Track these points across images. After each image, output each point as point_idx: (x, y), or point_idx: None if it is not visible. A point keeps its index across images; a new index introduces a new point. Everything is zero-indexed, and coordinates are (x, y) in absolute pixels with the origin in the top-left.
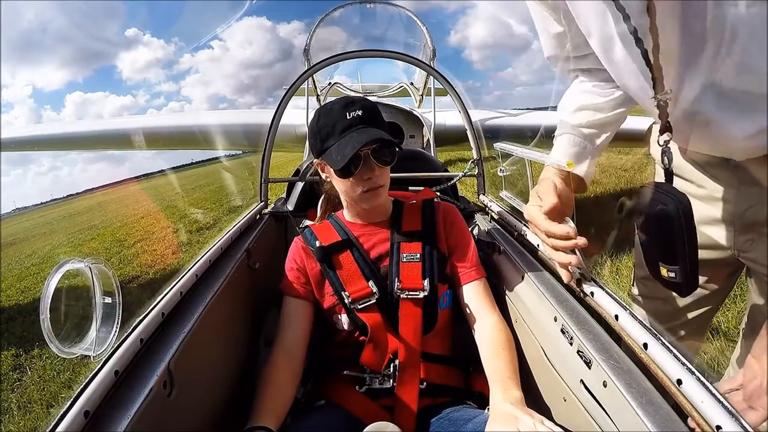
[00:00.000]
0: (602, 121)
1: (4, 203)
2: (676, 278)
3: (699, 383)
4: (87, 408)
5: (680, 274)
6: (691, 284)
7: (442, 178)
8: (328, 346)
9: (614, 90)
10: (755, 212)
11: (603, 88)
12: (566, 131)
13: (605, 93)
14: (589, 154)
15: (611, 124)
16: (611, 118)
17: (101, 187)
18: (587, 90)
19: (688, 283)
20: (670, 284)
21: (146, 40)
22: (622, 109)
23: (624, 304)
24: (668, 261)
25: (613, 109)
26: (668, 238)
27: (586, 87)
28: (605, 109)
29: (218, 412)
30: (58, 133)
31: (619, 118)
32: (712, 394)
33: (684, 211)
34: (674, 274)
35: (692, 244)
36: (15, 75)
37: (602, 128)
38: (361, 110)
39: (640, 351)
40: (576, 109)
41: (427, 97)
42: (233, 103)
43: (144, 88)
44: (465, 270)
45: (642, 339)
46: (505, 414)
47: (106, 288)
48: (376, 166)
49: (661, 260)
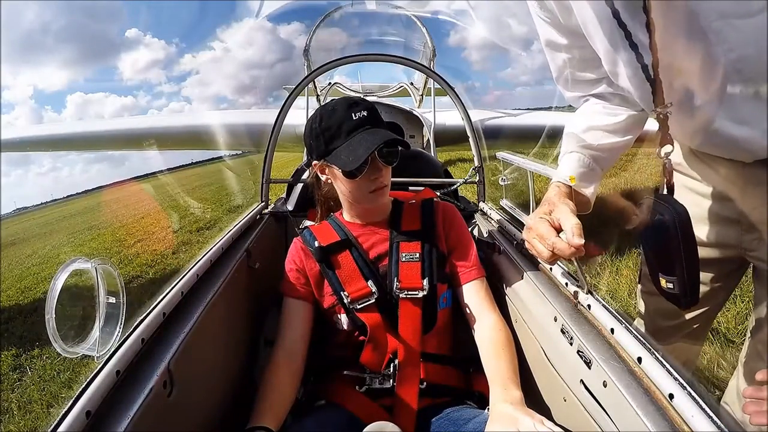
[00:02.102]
0: (611, 145)
1: (5, 203)
2: (674, 289)
3: (690, 398)
4: (89, 408)
5: (678, 285)
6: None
7: (442, 184)
8: (328, 346)
9: (626, 111)
10: (762, 212)
11: (615, 111)
12: (575, 150)
13: (617, 113)
14: (596, 176)
15: (618, 149)
16: (620, 144)
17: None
18: (599, 111)
19: (686, 295)
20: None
21: (147, 41)
22: (630, 136)
23: (620, 318)
24: (666, 271)
25: (624, 134)
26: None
27: (598, 108)
28: (616, 132)
29: (218, 412)
30: (58, 133)
31: (627, 144)
32: (702, 410)
33: (681, 222)
34: (672, 285)
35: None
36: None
37: (610, 152)
38: (365, 111)
39: (634, 365)
40: (586, 129)
41: (427, 97)
42: (234, 104)
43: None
44: (465, 269)
45: (637, 353)
46: (505, 414)
47: (110, 288)
48: (382, 166)
49: (660, 271)
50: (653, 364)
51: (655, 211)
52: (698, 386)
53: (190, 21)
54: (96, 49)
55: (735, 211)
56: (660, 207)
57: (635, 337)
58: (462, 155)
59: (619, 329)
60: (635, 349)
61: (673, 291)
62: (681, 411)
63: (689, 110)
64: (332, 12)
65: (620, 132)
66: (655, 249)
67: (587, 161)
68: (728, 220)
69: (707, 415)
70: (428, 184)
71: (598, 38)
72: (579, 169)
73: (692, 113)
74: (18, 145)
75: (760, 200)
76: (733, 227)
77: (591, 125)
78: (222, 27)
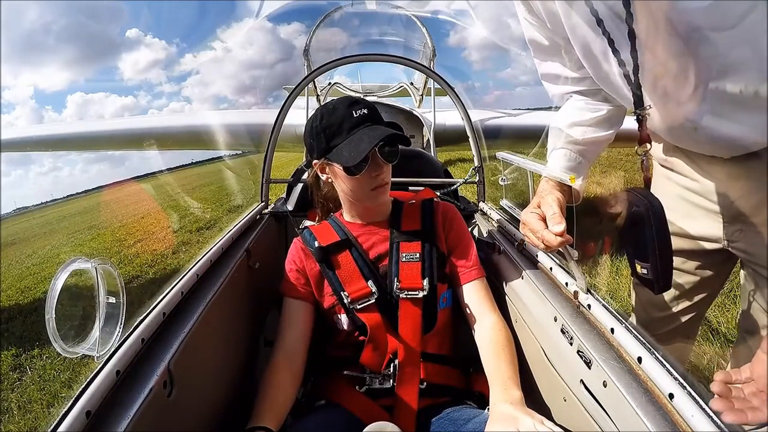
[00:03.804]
0: (595, 139)
1: (5, 203)
2: (648, 274)
3: (690, 398)
4: (88, 408)
5: (651, 270)
6: (663, 282)
7: (442, 183)
8: (328, 346)
9: (607, 105)
10: (741, 204)
11: (597, 106)
12: (562, 146)
13: (599, 108)
14: (583, 169)
15: (602, 142)
16: (604, 138)
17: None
18: (582, 108)
19: (659, 280)
20: (644, 280)
21: (148, 41)
22: (612, 130)
23: (620, 318)
24: (641, 258)
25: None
26: (641, 237)
27: (581, 105)
28: (599, 126)
29: (218, 412)
30: (59, 133)
31: (610, 137)
32: (702, 409)
33: (654, 213)
34: (646, 270)
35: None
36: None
37: (594, 145)
38: (366, 109)
39: (634, 365)
40: (571, 125)
41: (427, 97)
42: (234, 104)
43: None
44: (465, 269)
45: (637, 353)
46: (505, 414)
47: (110, 288)
48: (383, 164)
49: (636, 258)
50: (653, 364)
51: (632, 204)
52: (698, 386)
53: (190, 21)
54: (97, 49)
55: (717, 203)
56: (636, 200)
57: (635, 337)
58: (462, 155)
59: (619, 329)
60: (635, 349)
61: (647, 276)
62: (681, 411)
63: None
64: (332, 12)
65: (603, 126)
66: (632, 238)
67: (574, 156)
68: (711, 213)
69: (707, 415)
70: (428, 184)
71: (582, 45)
72: (567, 163)
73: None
74: (18, 145)
75: (739, 193)
76: (715, 220)
77: (575, 121)
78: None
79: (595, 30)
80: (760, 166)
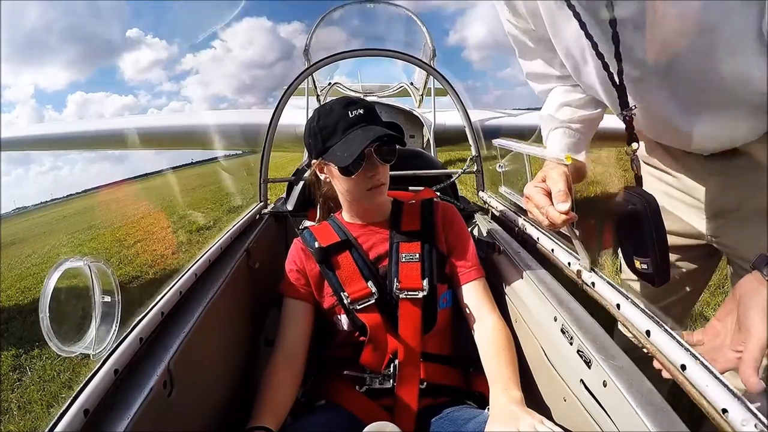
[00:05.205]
0: (585, 117)
1: (5, 203)
2: (648, 269)
3: (703, 368)
4: (87, 407)
5: (651, 265)
6: (662, 275)
7: (440, 175)
8: (328, 347)
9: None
10: (722, 200)
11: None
12: (557, 126)
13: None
14: (582, 144)
15: (593, 120)
16: (594, 116)
17: (101, 187)
18: (567, 91)
19: (658, 273)
20: (643, 275)
21: (149, 41)
22: (600, 109)
23: (625, 293)
24: (640, 254)
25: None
26: (639, 233)
27: (566, 88)
28: (587, 105)
29: (218, 412)
30: (59, 132)
31: (599, 116)
32: (716, 378)
33: (650, 209)
34: (646, 265)
35: (660, 238)
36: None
37: (587, 122)
38: (362, 109)
39: (643, 338)
40: (560, 106)
41: (427, 97)
42: (234, 103)
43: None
44: (464, 270)
45: (645, 326)
46: (505, 414)
47: (105, 287)
48: (379, 164)
49: (634, 254)
50: (662, 336)
51: (628, 201)
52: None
53: (190, 21)
54: (97, 49)
55: (698, 200)
56: (632, 197)
57: (642, 311)
58: (462, 155)
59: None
60: (643, 323)
61: (647, 271)
62: (694, 381)
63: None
64: (332, 11)
65: (590, 105)
66: (629, 235)
67: (572, 132)
68: (693, 209)
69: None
70: (426, 176)
71: (566, 48)
72: (567, 139)
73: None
74: (19, 144)
75: (719, 190)
76: (698, 216)
77: (563, 102)
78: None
79: (579, 34)
80: (739, 162)
